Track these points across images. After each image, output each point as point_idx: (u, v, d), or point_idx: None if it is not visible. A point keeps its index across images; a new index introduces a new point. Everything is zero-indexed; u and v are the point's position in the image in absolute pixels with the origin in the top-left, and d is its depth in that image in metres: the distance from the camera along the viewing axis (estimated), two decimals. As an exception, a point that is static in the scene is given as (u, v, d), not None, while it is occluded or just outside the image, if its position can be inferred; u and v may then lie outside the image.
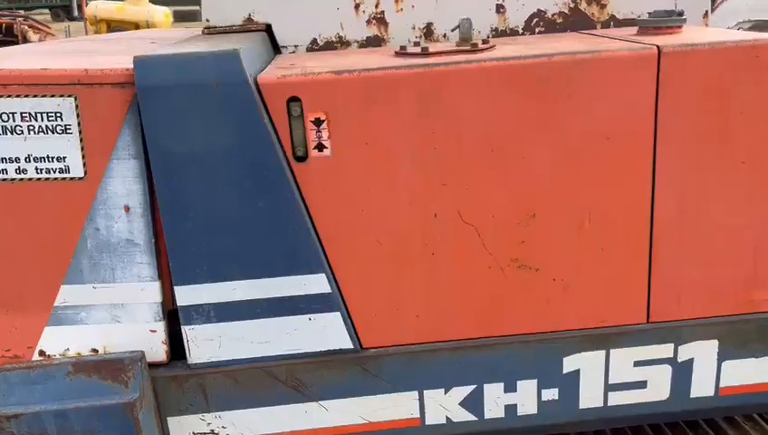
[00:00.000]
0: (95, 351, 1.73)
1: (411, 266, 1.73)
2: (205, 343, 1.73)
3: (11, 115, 1.57)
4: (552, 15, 2.17)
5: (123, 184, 1.63)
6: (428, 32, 2.18)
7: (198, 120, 1.58)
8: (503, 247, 1.73)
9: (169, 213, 1.64)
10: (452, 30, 2.09)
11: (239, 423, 1.80)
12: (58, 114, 1.58)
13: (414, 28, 2.18)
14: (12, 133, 1.58)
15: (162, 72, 1.55)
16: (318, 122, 1.62)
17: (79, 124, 1.59)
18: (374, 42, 2.16)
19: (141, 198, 1.64)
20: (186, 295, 1.69)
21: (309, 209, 1.66)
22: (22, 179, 1.61)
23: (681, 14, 1.86)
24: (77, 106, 1.57)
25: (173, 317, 1.75)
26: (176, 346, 1.76)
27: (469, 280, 1.75)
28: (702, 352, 1.84)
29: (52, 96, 1.57)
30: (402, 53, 1.78)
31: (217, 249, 1.67)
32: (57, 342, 1.71)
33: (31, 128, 1.58)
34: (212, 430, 1.80)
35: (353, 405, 1.81)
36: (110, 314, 1.71)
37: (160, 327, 1.73)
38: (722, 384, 1.87)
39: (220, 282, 1.69)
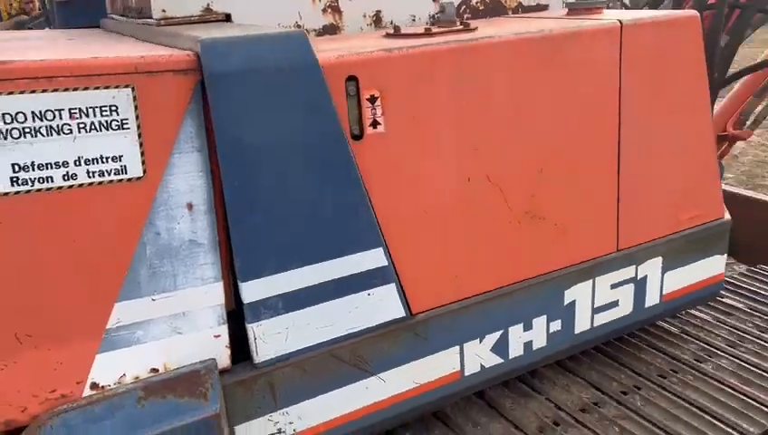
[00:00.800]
0: (155, 371, 1.56)
1: (451, 230, 1.87)
2: (272, 338, 1.67)
3: (57, 113, 1.36)
4: (476, 3, 2.45)
5: (185, 180, 1.51)
6: (378, 19, 2.31)
7: (270, 106, 1.53)
8: (519, 202, 1.97)
9: (238, 205, 1.55)
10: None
11: (305, 415, 1.76)
12: (113, 108, 1.40)
13: (365, 16, 2.29)
14: (58, 134, 1.37)
15: (234, 55, 1.48)
16: (372, 100, 1.67)
17: (137, 118, 1.43)
18: (330, 30, 2.23)
19: (205, 194, 1.53)
20: (253, 291, 1.62)
21: (366, 186, 1.71)
22: (71, 186, 1.40)
23: (599, -2, 2.28)
24: (135, 97, 1.42)
25: (231, 318, 1.65)
26: (234, 349, 1.67)
27: (495, 236, 1.95)
28: (652, 269, 2.28)
29: (107, 87, 1.39)
30: (403, 33, 1.91)
31: (286, 238, 1.63)
32: (111, 370, 1.51)
33: (81, 126, 1.38)
34: (279, 429, 1.74)
35: (407, 371, 1.89)
36: (170, 327, 1.56)
37: (224, 331, 1.62)
38: (664, 292, 2.34)
39: (288, 271, 1.65)
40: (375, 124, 1.69)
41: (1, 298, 1.38)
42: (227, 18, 2.05)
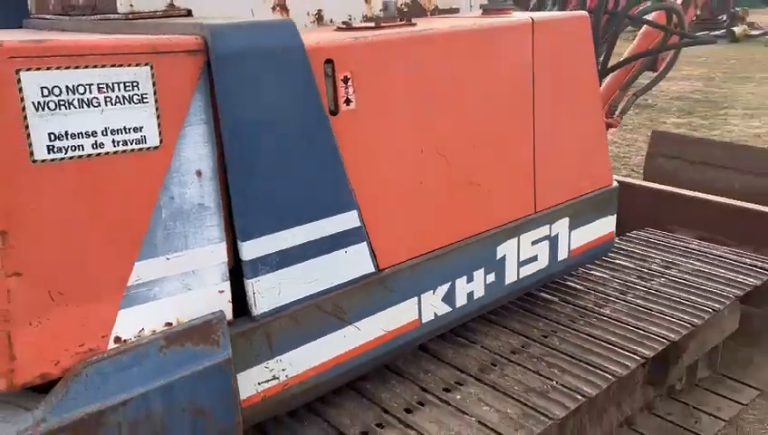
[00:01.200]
0: (169, 324, 1.72)
1: (409, 195, 2.17)
2: (268, 292, 1.88)
3: (88, 87, 1.51)
4: (400, 5, 2.78)
5: (194, 149, 1.69)
6: (319, 17, 2.57)
7: (265, 83, 1.75)
8: (460, 172, 2.30)
9: (239, 172, 1.76)
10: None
11: (295, 362, 1.98)
12: (135, 83, 1.57)
13: (308, 14, 2.55)
14: (88, 106, 1.51)
15: (236, 39, 1.69)
16: (345, 80, 1.94)
17: (155, 93, 1.60)
18: (279, 27, 2.46)
19: (211, 162, 1.72)
20: (252, 249, 1.82)
21: (342, 155, 1.97)
22: (98, 154, 1.55)
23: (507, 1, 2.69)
24: (153, 75, 1.60)
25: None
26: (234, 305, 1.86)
27: (444, 200, 2.27)
28: (561, 228, 2.71)
29: (129, 65, 1.56)
30: (355, 27, 2.19)
31: (279, 201, 1.85)
32: (131, 324, 1.66)
33: (108, 99, 1.54)
34: (274, 376, 1.94)
35: (377, 320, 2.16)
36: (182, 284, 1.73)
37: (227, 287, 1.81)
38: (571, 248, 2.78)
39: (281, 231, 1.87)
40: (348, 102, 1.96)
41: (38, 258, 1.50)
42: (189, 13, 2.23)
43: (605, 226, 2.91)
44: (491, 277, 2.49)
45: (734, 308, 3.13)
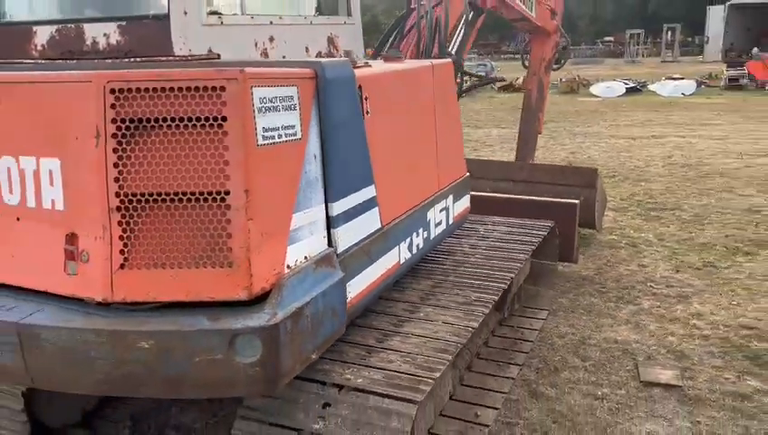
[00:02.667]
0: (306, 258, 2.58)
1: (395, 174, 3.27)
2: (344, 236, 2.82)
3: (277, 98, 2.37)
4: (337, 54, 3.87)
5: (313, 142, 2.61)
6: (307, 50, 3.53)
7: (342, 98, 2.74)
8: (412, 159, 3.47)
9: (332, 157, 2.70)
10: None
11: (354, 286, 2.92)
12: (290, 97, 2.46)
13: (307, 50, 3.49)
14: (276, 111, 2.37)
15: (330, 71, 2.65)
16: (366, 98, 3.00)
17: (299, 103, 2.51)
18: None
19: (319, 150, 2.65)
20: (337, 208, 2.76)
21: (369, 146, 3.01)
22: (280, 141, 2.40)
23: (398, 50, 3.96)
24: (298, 92, 2.50)
25: (322, 228, 2.76)
26: (324, 248, 2.77)
27: (410, 178, 3.42)
28: (449, 202, 4.01)
29: (287, 86, 2.45)
30: (359, 66, 3.25)
31: (346, 175, 2.82)
32: (293, 256, 2.50)
33: (282, 106, 2.41)
34: (349, 291, 2.86)
35: (384, 260, 3.20)
36: (309, 230, 2.61)
37: (325, 233, 2.73)
38: (454, 215, 4.11)
39: (346, 196, 2.83)
40: (367, 112, 3.02)
41: (258, 209, 2.29)
42: (218, 56, 3.06)
43: (466, 201, 4.32)
44: (425, 234, 3.68)
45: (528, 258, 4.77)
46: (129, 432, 3.83)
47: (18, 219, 2.47)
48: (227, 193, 2.23)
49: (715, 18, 33.31)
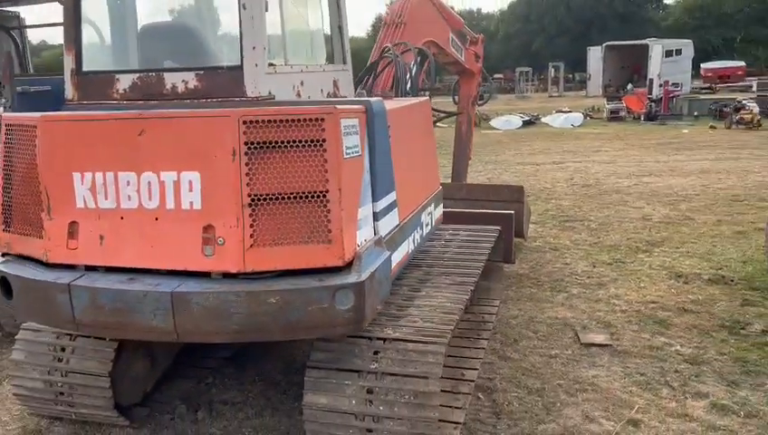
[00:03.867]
0: (365, 241, 3.58)
1: (407, 183, 4.31)
2: (383, 226, 3.84)
3: (350, 126, 3.38)
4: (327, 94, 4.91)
5: (366, 157, 3.62)
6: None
7: (380, 126, 3.78)
8: (417, 173, 4.54)
9: (375, 168, 3.72)
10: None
11: (393, 261, 3.92)
12: (355, 125, 3.48)
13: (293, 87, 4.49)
14: (348, 135, 3.38)
15: (375, 106, 3.69)
16: (389, 126, 4.05)
17: (359, 130, 3.52)
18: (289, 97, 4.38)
19: (369, 163, 3.66)
20: (379, 206, 3.78)
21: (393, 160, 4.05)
22: (351, 156, 3.40)
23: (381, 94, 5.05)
24: (359, 121, 3.52)
25: (369, 221, 3.77)
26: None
27: (416, 185, 4.47)
28: (432, 207, 5.10)
29: (354, 118, 3.47)
30: (380, 96, 4.30)
31: (385, 183, 3.84)
32: (360, 238, 3.49)
33: (353, 132, 3.42)
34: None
35: (403, 247, 4.23)
36: (366, 221, 3.61)
37: (373, 224, 3.73)
38: (434, 220, 5.19)
39: (384, 198, 3.85)
40: (389, 136, 4.06)
41: (344, 200, 3.27)
42: (274, 97, 4.03)
43: (440, 209, 5.42)
44: (420, 231, 4.74)
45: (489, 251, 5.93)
46: (184, 407, 4.61)
47: (156, 219, 3.32)
48: (327, 191, 3.20)
49: (595, 57, 36.94)
